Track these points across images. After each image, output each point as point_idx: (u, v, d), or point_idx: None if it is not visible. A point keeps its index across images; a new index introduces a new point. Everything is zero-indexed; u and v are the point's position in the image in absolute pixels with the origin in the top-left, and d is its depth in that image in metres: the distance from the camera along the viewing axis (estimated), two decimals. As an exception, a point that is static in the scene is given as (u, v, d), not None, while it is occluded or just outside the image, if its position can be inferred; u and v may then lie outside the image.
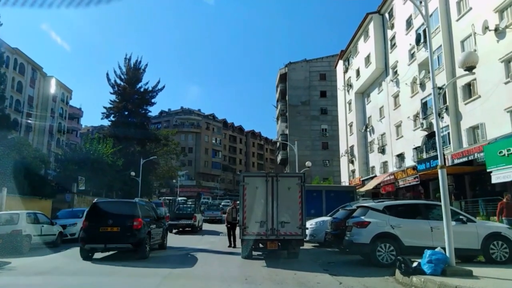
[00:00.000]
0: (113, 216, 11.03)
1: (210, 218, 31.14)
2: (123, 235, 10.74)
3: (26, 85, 51.99)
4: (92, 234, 10.82)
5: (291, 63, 62.99)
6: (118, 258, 11.44)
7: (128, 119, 43.12)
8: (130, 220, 10.92)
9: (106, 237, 10.71)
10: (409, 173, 26.55)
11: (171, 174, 50.53)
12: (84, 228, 11.16)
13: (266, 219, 10.62)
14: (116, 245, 11.01)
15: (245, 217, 10.67)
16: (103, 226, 10.79)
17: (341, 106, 47.15)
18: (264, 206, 10.64)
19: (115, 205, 12.78)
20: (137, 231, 10.87)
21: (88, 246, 10.99)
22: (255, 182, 10.89)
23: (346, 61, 44.91)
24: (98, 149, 33.13)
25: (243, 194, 10.84)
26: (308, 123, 61.42)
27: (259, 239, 10.69)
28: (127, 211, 11.45)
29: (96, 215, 11.30)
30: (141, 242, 10.99)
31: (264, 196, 10.73)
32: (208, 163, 78.16)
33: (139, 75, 44.51)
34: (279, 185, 10.77)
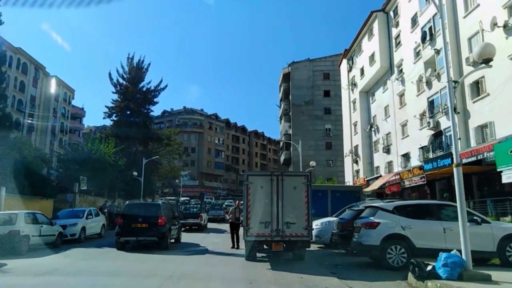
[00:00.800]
0: (142, 215, 13.60)
1: (214, 217, 32.44)
2: (150, 230, 13.26)
3: (29, 84, 51.82)
4: (126, 229, 13.35)
5: (294, 63, 62.55)
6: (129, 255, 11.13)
7: (130, 119, 42.81)
8: (155, 218, 13.37)
9: (137, 231, 13.24)
10: (415, 173, 26.09)
11: (173, 174, 50.19)
12: (119, 224, 13.63)
13: (271, 219, 10.22)
14: (145, 238, 13.44)
15: (249, 217, 10.28)
16: (134, 223, 13.33)
17: (345, 106, 46.70)
18: (268, 206, 10.25)
19: (143, 206, 15.99)
20: (161, 227, 13.38)
21: (123, 239, 13.45)
22: (260, 182, 10.50)
23: (350, 60, 44.45)
24: (100, 149, 32.81)
25: (247, 193, 10.44)
26: (312, 122, 60.94)
27: (264, 241, 10.30)
28: (153, 211, 14.09)
29: (129, 214, 13.86)
30: (164, 236, 13.52)
31: (269, 196, 10.33)
32: (211, 163, 77.79)
33: (141, 75, 44.19)
34: (284, 184, 10.37)
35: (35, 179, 22.02)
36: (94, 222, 17.95)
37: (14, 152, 22.02)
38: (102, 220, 19.27)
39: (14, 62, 48.52)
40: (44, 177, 25.20)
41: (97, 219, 18.40)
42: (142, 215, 13.65)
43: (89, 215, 17.55)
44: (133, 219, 13.50)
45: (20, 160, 21.12)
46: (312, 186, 10.62)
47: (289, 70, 62.61)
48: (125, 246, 13.74)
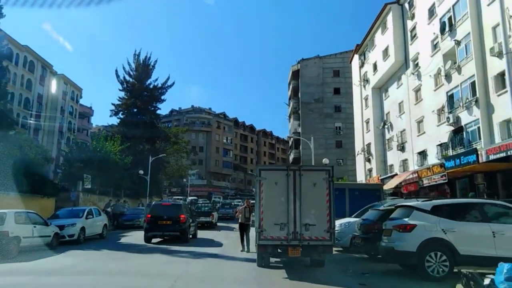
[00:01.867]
0: (167, 213, 15.56)
1: (223, 215, 33.77)
2: (174, 226, 15.15)
3: (36, 83, 51.10)
4: (153, 226, 15.28)
5: (303, 60, 61.07)
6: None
7: (137, 117, 41.77)
8: (178, 216, 15.26)
9: (163, 227, 15.20)
10: (435, 171, 24.51)
11: (181, 173, 48.99)
12: (147, 221, 15.58)
13: (287, 220, 8.81)
14: (169, 232, 15.41)
15: (262, 218, 8.87)
16: (160, 220, 15.26)
17: (356, 103, 45.13)
18: (284, 206, 8.87)
19: (167, 206, 17.42)
20: (182, 224, 15.25)
21: (151, 234, 15.36)
22: (274, 177, 9.10)
23: (362, 55, 42.89)
24: (105, 147, 31.76)
25: (259, 191, 9.04)
26: (321, 121, 59.43)
27: (279, 245, 8.91)
28: (175, 210, 16.02)
29: (155, 212, 15.82)
30: (185, 231, 15.47)
31: (285, 193, 8.92)
32: (219, 162, 76.57)
33: (148, 72, 43.12)
34: (302, 180, 8.96)
35: (36, 177, 20.93)
36: (95, 222, 16.77)
37: (14, 150, 20.98)
38: (104, 220, 18.09)
39: (21, 60, 47.84)
40: (45, 175, 24.14)
41: (98, 219, 17.22)
42: (166, 214, 15.57)
43: (89, 214, 16.37)
44: (159, 217, 15.41)
45: (21, 157, 20.03)
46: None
47: (298, 67, 61.15)
48: (151, 240, 15.54)
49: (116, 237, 18.08)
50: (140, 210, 26.28)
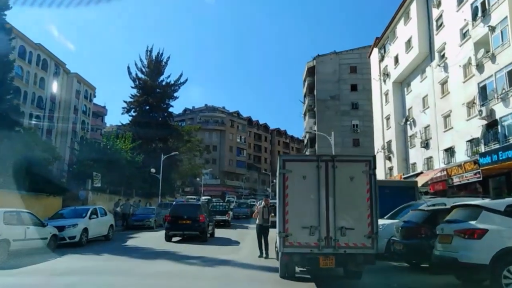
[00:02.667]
0: (187, 213, 15.82)
1: (239, 214, 33.94)
2: (193, 225, 15.40)
3: (49, 81, 50.51)
4: (174, 225, 15.60)
5: (319, 56, 59.15)
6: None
7: (149, 114, 40.66)
8: (197, 216, 15.54)
9: (183, 227, 15.46)
10: (467, 168, 22.46)
11: (194, 172, 47.61)
12: (168, 221, 15.97)
13: (318, 223, 7.10)
14: (189, 232, 15.62)
15: (287, 220, 7.15)
16: (181, 220, 15.54)
17: (376, 98, 43.03)
18: (315, 205, 7.19)
19: (187, 206, 18.24)
20: (202, 223, 15.50)
21: (172, 233, 15.62)
22: (302, 170, 7.33)
23: (382, 48, 40.80)
24: (116, 144, 30.57)
25: (283, 186, 7.36)
26: (338, 118, 57.36)
27: (308, 253, 7.17)
28: (195, 210, 16.23)
29: (176, 212, 16.22)
30: (204, 231, 15.74)
31: (315, 189, 7.22)
32: (233, 161, 75.11)
33: (160, 68, 41.94)
34: (337, 173, 7.23)
35: (42, 175, 19.70)
36: (100, 223, 15.36)
37: (19, 146, 19.82)
38: (110, 220, 16.67)
39: (34, 58, 47.29)
40: (52, 174, 22.97)
41: (103, 219, 15.81)
42: (186, 213, 15.87)
43: (93, 214, 14.96)
44: (180, 216, 15.74)
45: (26, 155, 18.81)
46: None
47: (314, 64, 59.26)
48: (172, 239, 15.69)
49: (123, 239, 16.66)
50: (151, 210, 24.92)
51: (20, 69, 44.84)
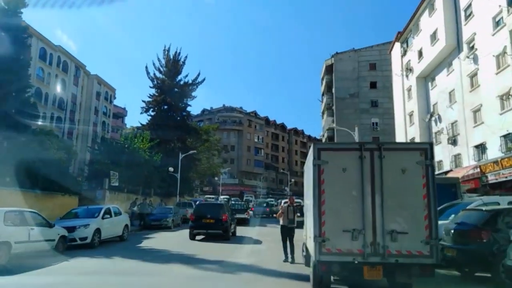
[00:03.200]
0: (210, 212, 15.81)
1: (259, 213, 34.18)
2: (217, 224, 15.43)
3: (70, 83, 50.50)
4: (198, 224, 15.68)
5: (337, 54, 57.42)
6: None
7: (168, 113, 39.83)
8: (220, 215, 15.59)
9: (207, 225, 15.49)
10: (505, 165, 20.62)
11: (212, 171, 46.62)
12: (193, 220, 16.05)
13: (363, 226, 5.76)
14: (213, 231, 15.65)
15: (324, 222, 5.82)
16: (204, 219, 15.62)
17: (397, 94, 41.12)
18: (358, 203, 5.82)
19: (210, 206, 18.36)
20: (225, 222, 15.54)
21: (196, 232, 15.72)
22: (341, 161, 6.00)
23: (404, 42, 38.89)
24: (134, 143, 29.77)
25: (318, 181, 5.98)
26: (357, 116, 55.47)
27: (350, 262, 5.79)
28: (218, 209, 16.28)
29: (200, 211, 16.36)
30: (227, 230, 15.78)
31: (358, 185, 5.87)
32: (251, 161, 73.92)
33: (178, 68, 41.09)
34: (385, 165, 5.86)
35: (56, 174, 18.87)
36: (114, 223, 14.34)
37: (34, 144, 19.11)
38: (125, 220, 15.66)
39: (55, 60, 47.28)
40: (67, 172, 22.21)
41: (117, 219, 14.79)
42: (210, 212, 15.88)
43: (107, 214, 13.94)
44: (203, 215, 15.82)
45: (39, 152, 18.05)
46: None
47: (332, 62, 57.56)
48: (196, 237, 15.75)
49: (138, 239, 15.64)
50: (168, 210, 23.92)
51: (41, 71, 44.90)
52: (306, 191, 7.72)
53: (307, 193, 7.23)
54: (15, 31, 21.49)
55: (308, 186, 7.02)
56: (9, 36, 20.97)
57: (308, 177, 6.57)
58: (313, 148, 6.29)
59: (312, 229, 5.98)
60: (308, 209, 6.91)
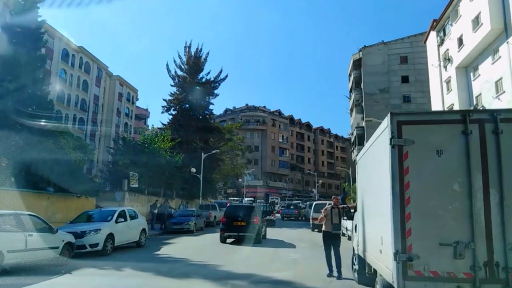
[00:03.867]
0: (241, 215, 15.43)
1: (286, 216, 34.94)
2: (248, 227, 15.00)
3: (92, 84, 50.30)
4: (229, 227, 15.24)
5: (365, 47, 54.95)
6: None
7: (189, 112, 38.68)
8: (252, 218, 15.21)
9: (238, 228, 15.13)
10: None
11: (236, 172, 45.12)
12: (223, 222, 15.55)
13: (472, 237, 3.94)
14: (244, 233, 15.02)
15: (410, 230, 4.02)
16: (235, 221, 15.22)
17: (434, 87, 38.39)
18: (463, 203, 4.00)
19: (241, 208, 17.53)
20: (256, 225, 15.17)
21: (227, 234, 15.27)
22: (434, 139, 4.20)
23: (441, 31, 36.18)
24: (154, 142, 28.64)
25: (399, 170, 4.19)
26: (388, 113, 52.80)
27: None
28: (249, 211, 15.77)
29: (230, 214, 15.85)
30: (259, 232, 15.31)
31: (463, 175, 4.05)
32: (275, 162, 72.07)
33: (200, 65, 39.91)
34: (503, 143, 4.03)
35: (71, 174, 17.76)
36: (129, 227, 12.95)
37: (48, 142, 18.08)
38: (142, 224, 14.25)
39: (77, 61, 47.13)
40: (82, 172, 21.16)
41: (133, 222, 13.39)
42: (241, 215, 15.48)
43: (121, 217, 12.55)
44: (235, 218, 15.37)
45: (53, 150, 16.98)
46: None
47: (360, 56, 55.12)
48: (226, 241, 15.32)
49: (157, 246, 14.21)
50: (191, 212, 22.52)
51: (63, 72, 44.78)
52: (365, 186, 5.93)
53: (369, 189, 5.43)
54: (31, 26, 20.74)
55: (372, 179, 5.21)
56: (25, 31, 20.20)
57: (376, 166, 4.78)
58: (390, 120, 4.47)
59: (390, 240, 4.14)
60: (370, 212, 5.11)
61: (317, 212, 22.37)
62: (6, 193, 13.83)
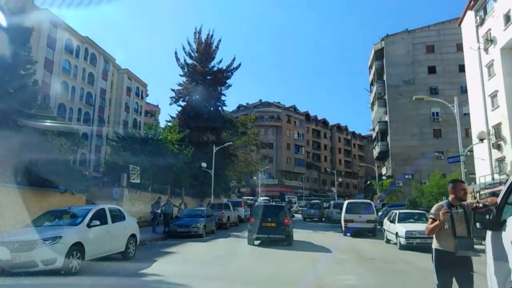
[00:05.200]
0: (271, 215, 14.41)
1: (308, 216, 31.77)
2: (278, 229, 14.03)
3: (98, 77, 47.17)
4: (258, 228, 13.97)
5: (388, 36, 50.64)
6: None
7: (200, 104, 35.12)
8: (282, 218, 14.32)
9: (268, 230, 13.97)
10: None
11: (250, 169, 41.24)
12: (251, 223, 14.45)
13: None
14: (274, 235, 14.05)
15: None
16: (264, 222, 14.05)
17: (472, 74, 33.93)
18: None
19: (270, 207, 16.53)
20: (287, 226, 14.23)
21: (255, 236, 14.16)
22: None
23: (480, 10, 31.76)
24: (160, 133, 25.09)
25: None
26: (414, 106, 48.24)
27: None
28: (279, 211, 14.99)
29: (258, 214, 14.60)
30: (289, 234, 14.39)
31: None
32: (291, 160, 67.96)
33: (211, 52, 36.29)
34: None
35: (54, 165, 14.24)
36: (109, 233, 9.22)
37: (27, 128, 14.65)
38: (131, 228, 10.50)
39: (82, 52, 44.06)
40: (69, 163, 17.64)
41: (117, 226, 9.61)
42: (270, 215, 14.35)
43: (97, 219, 8.83)
44: (263, 218, 14.14)
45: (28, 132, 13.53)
46: None
47: (382, 45, 50.82)
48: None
49: (150, 257, 10.40)
50: (200, 212, 18.81)
51: (67, 63, 41.74)
52: None
53: None
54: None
55: None
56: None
57: None
58: None
59: None
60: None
61: (351, 213, 18.41)
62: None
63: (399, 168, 47.62)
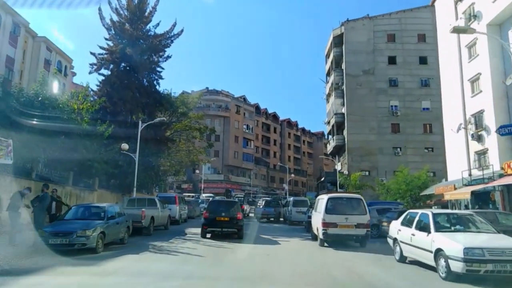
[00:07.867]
0: (224, 210, 15.32)
1: (264, 215, 27.34)
2: (231, 223, 15.03)
3: (3, 41, 37.14)
4: (211, 222, 14.98)
5: (349, 21, 46.32)
6: None
7: (129, 74, 27.49)
8: (235, 213, 15.24)
9: (221, 224, 14.94)
10: None
11: (192, 158, 33.90)
12: (206, 217, 15.13)
13: None
14: (227, 229, 15.03)
15: None
16: (218, 217, 15.01)
17: (448, 56, 29.89)
18: None
19: (224, 203, 17.52)
20: (239, 221, 15.20)
21: (209, 230, 15.05)
22: None
23: (460, -17, 27.74)
24: (58, 100, 17.36)
25: None
26: (373, 98, 44.50)
27: None
28: (232, 206, 15.84)
29: (213, 209, 15.58)
30: (241, 228, 15.24)
31: None
32: (239, 154, 61.50)
33: (145, 12, 28.66)
34: None
35: None
36: None
37: None
38: None
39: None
40: None
41: None
42: (224, 210, 15.22)
43: None
44: (217, 213, 15.05)
45: None
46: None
47: (342, 31, 46.40)
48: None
49: None
50: (99, 210, 11.58)
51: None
52: None
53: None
54: None
55: None
56: None
57: None
58: None
59: None
60: None
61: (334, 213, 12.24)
62: None
63: (355, 164, 43.29)
